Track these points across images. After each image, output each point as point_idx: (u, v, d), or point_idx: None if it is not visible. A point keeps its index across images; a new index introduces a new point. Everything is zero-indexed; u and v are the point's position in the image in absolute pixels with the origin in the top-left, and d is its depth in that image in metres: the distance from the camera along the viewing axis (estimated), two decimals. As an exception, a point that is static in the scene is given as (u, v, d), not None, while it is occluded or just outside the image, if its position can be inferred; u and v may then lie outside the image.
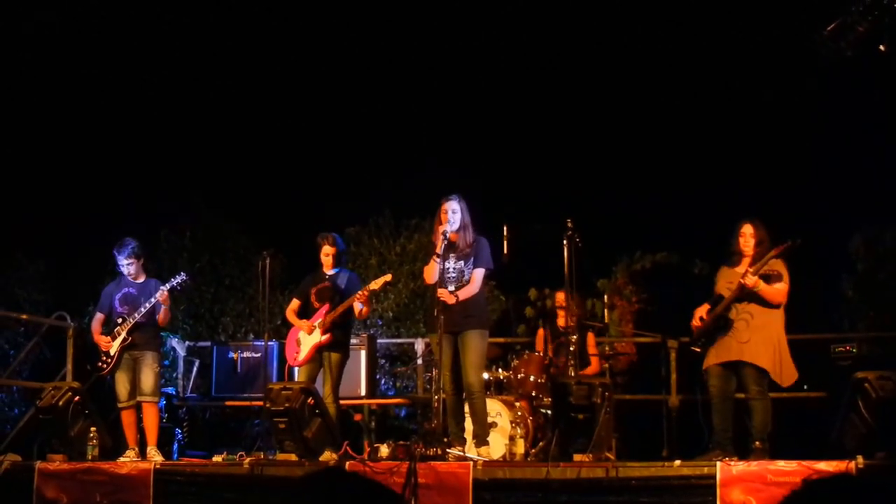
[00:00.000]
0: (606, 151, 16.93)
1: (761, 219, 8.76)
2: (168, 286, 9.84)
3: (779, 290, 8.45)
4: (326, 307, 9.75)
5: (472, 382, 8.82)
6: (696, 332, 8.71)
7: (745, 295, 8.49)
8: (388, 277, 9.74)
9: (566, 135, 17.18)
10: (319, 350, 9.69)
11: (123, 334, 9.80)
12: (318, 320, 9.74)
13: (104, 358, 9.85)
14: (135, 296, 9.99)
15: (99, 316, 10.14)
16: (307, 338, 9.74)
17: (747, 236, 8.66)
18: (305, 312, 9.93)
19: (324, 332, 9.66)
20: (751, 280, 8.37)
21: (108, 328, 9.98)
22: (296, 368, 10.00)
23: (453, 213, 8.95)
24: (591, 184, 16.48)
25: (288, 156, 17.81)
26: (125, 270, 10.07)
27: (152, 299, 9.79)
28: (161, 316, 9.94)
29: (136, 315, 9.79)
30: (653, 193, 16.17)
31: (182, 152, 17.32)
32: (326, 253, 9.98)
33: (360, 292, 9.56)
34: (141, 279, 10.12)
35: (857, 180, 14.43)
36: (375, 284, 9.55)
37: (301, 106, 18.09)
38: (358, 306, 9.63)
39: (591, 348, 11.04)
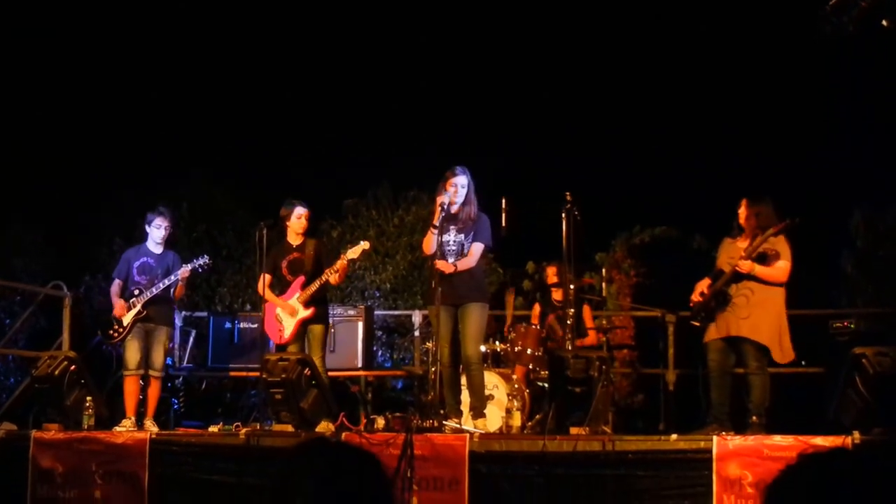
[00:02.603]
0: (606, 125, 16.91)
1: (763, 195, 8.70)
2: (191, 266, 9.83)
3: (778, 269, 8.40)
4: (301, 279, 9.67)
5: (470, 355, 8.80)
6: (696, 307, 8.69)
7: (744, 275, 8.46)
8: (366, 245, 9.66)
9: (566, 108, 17.15)
10: (304, 324, 9.64)
11: (139, 307, 9.79)
12: (295, 294, 9.67)
13: (116, 326, 9.84)
14: (152, 266, 9.97)
15: (117, 282, 10.06)
16: (289, 314, 9.66)
17: (745, 214, 8.62)
18: (277, 286, 9.85)
19: (306, 307, 9.61)
20: (745, 266, 8.34)
21: (124, 296, 9.93)
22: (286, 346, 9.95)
23: (462, 188, 8.89)
24: (591, 157, 16.46)
25: (286, 127, 17.79)
26: (154, 235, 10.03)
27: (172, 276, 9.79)
28: (177, 292, 9.96)
29: (153, 290, 9.78)
30: (652, 167, 16.16)
31: (180, 123, 17.32)
32: (299, 215, 9.84)
33: (338, 262, 9.48)
34: (160, 250, 10.10)
35: (858, 157, 14.42)
36: (353, 253, 9.47)
37: (299, 77, 18.06)
38: (335, 276, 9.56)
39: (589, 321, 11.04)
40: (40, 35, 16.79)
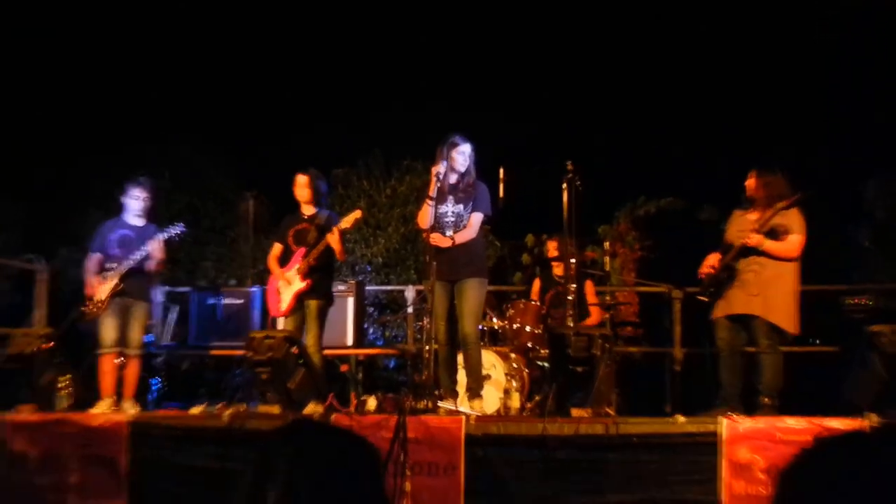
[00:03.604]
0: (609, 90, 16.85)
1: (774, 165, 8.66)
2: (164, 235, 9.78)
3: (790, 244, 8.37)
4: (303, 251, 9.66)
5: (467, 333, 8.78)
6: (706, 281, 8.67)
7: (753, 250, 8.43)
8: (358, 214, 9.60)
9: (567, 72, 17.08)
10: (301, 298, 9.63)
11: (115, 280, 9.73)
12: (295, 265, 9.67)
13: (91, 303, 9.77)
14: (131, 239, 9.89)
15: (94, 256, 9.97)
16: (287, 286, 9.68)
17: (754, 186, 8.59)
18: (287, 257, 9.86)
19: (303, 278, 9.59)
20: (754, 240, 8.32)
21: (101, 270, 9.87)
22: (280, 319, 9.95)
23: (468, 157, 8.89)
24: (593, 124, 16.43)
25: (274, 93, 17.72)
26: (132, 206, 9.97)
27: (146, 246, 9.74)
28: (152, 265, 9.87)
29: (128, 261, 9.72)
30: (658, 134, 16.12)
31: (162, 88, 17.24)
32: (298, 184, 9.85)
33: (328, 234, 9.48)
34: (140, 222, 10.04)
35: (872, 126, 14.39)
36: (346, 222, 9.42)
37: (288, 41, 17.97)
38: (337, 246, 9.53)
39: (591, 297, 11.03)
40: (12, 3, 16.69)
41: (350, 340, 11.35)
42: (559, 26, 17.05)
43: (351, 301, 11.39)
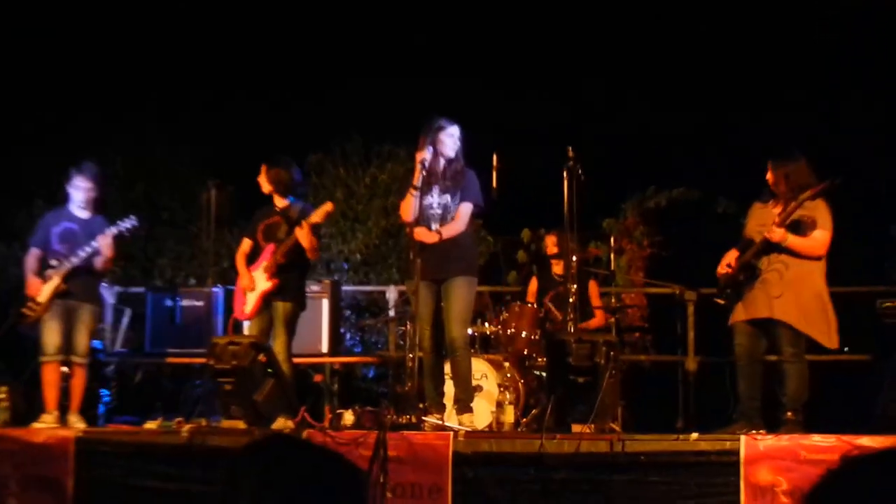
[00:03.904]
0: (616, 67, 16.84)
1: (793, 152, 8.65)
2: (115, 230, 9.74)
3: (815, 240, 8.38)
4: (272, 247, 9.65)
5: (455, 338, 8.79)
6: (722, 282, 8.67)
7: (776, 245, 8.43)
8: (329, 207, 9.57)
9: (568, 49, 17.06)
10: (267, 299, 9.61)
11: (57, 280, 9.68)
12: (262, 263, 9.65)
13: (31, 304, 9.73)
14: (76, 233, 9.84)
15: (34, 252, 9.91)
16: (253, 286, 9.66)
17: (773, 179, 8.59)
18: (256, 255, 9.84)
19: (270, 277, 9.58)
20: (777, 234, 8.31)
21: (42, 268, 9.83)
22: (245, 322, 9.95)
23: (457, 141, 8.88)
24: (598, 106, 16.42)
25: (240, 69, 17.66)
26: (77, 197, 9.93)
27: (94, 243, 9.70)
28: (100, 263, 9.83)
29: (73, 259, 9.67)
30: (670, 117, 16.12)
31: (114, 62, 17.17)
32: (261, 176, 9.86)
33: (297, 230, 9.44)
34: (86, 214, 10.00)
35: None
36: (316, 216, 9.40)
37: (254, 9, 17.92)
38: (307, 243, 9.50)
39: (595, 299, 11.03)
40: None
41: (325, 347, 11.36)
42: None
43: (326, 303, 11.39)
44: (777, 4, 15.66)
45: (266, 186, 9.81)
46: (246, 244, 9.89)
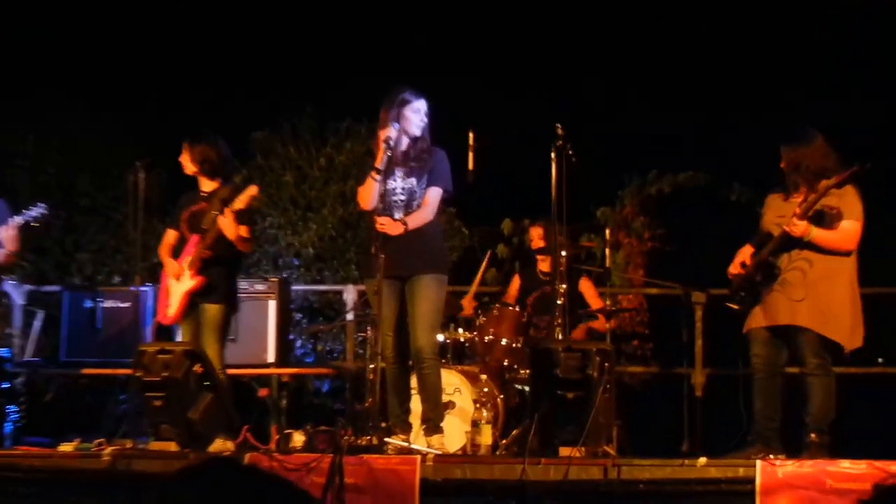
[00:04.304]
0: (613, 35, 16.86)
1: (807, 132, 8.63)
2: (20, 218, 9.69)
3: (844, 232, 8.38)
4: (197, 238, 9.59)
5: (423, 346, 8.78)
6: (736, 283, 8.67)
7: (797, 240, 8.41)
8: (254, 191, 9.48)
9: (554, 9, 17.08)
10: (193, 299, 9.56)
11: None
12: (186, 258, 9.60)
13: None
14: None
15: None
16: (177, 284, 9.61)
17: (787, 165, 8.58)
18: (182, 248, 9.77)
19: (194, 274, 9.53)
20: (799, 228, 8.28)
21: None
22: (174, 327, 9.91)
23: (424, 116, 8.85)
24: (592, 78, 16.43)
25: (171, 34, 17.60)
26: None
27: None
28: (2, 256, 9.79)
29: None
30: (676, 90, 16.14)
31: (24, 29, 17.11)
32: (183, 154, 9.79)
33: (220, 215, 9.38)
34: None
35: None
36: (240, 202, 9.33)
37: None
38: (229, 233, 9.47)
39: (594, 300, 11.05)
40: None
41: (271, 356, 11.33)
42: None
43: (272, 305, 11.36)
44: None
45: (189, 167, 9.75)
46: (171, 236, 9.80)
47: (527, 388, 9.97)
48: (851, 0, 15.18)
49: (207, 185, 9.74)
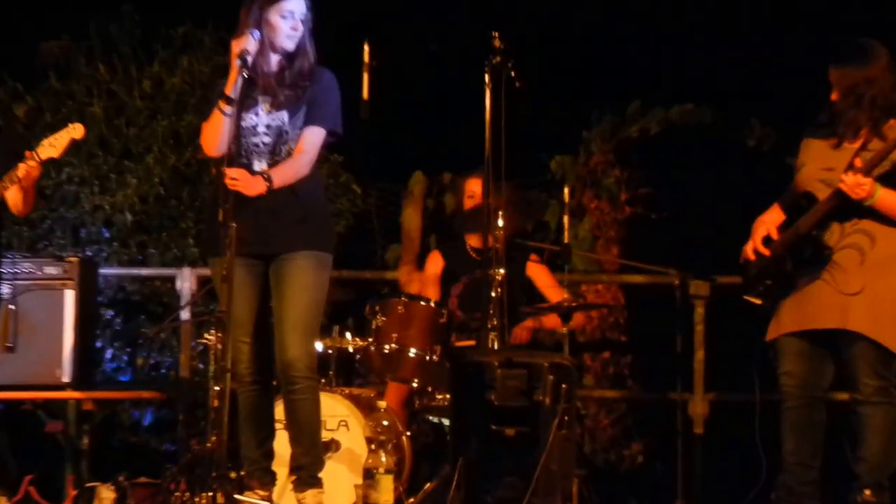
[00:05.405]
0: None
1: (870, 46, 8.59)
2: None
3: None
4: None
5: (294, 358, 8.73)
6: (757, 268, 8.63)
7: (854, 204, 8.34)
8: (77, 132, 9.47)
9: None
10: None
11: None
12: None
13: None
14: None
15: None
16: None
17: (840, 92, 8.52)
18: None
19: None
20: (860, 187, 8.21)
21: None
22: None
23: (300, 23, 8.77)
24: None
25: None
26: None
27: None
28: None
29: None
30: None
31: None
32: None
33: (21, 165, 9.33)
34: None
35: None
36: (53, 147, 9.31)
37: None
38: (12, 192, 9.41)
39: (552, 290, 11.00)
40: None
41: (66, 374, 11.23)
42: None
43: (70, 296, 11.30)
44: None
45: None
46: None
47: (446, 422, 9.93)
48: None
49: None
